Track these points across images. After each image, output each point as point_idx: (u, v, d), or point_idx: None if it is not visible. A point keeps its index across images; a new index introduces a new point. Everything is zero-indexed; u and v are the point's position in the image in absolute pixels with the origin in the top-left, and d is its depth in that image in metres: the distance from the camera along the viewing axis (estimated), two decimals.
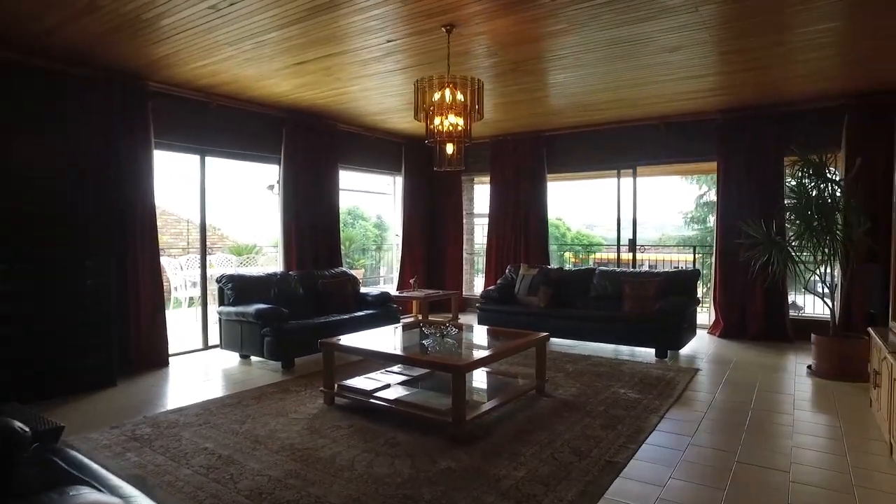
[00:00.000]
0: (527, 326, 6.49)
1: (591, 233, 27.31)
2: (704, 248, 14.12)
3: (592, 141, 8.14)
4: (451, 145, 4.27)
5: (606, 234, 31.29)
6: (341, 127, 7.73)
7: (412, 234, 9.09)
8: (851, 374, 5.08)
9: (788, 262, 5.40)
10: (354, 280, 6.87)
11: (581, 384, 4.86)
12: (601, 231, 31.09)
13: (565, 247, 20.37)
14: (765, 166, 6.82)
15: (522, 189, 8.57)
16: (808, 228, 5.12)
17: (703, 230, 15.53)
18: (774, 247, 5.39)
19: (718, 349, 6.34)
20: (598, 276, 6.84)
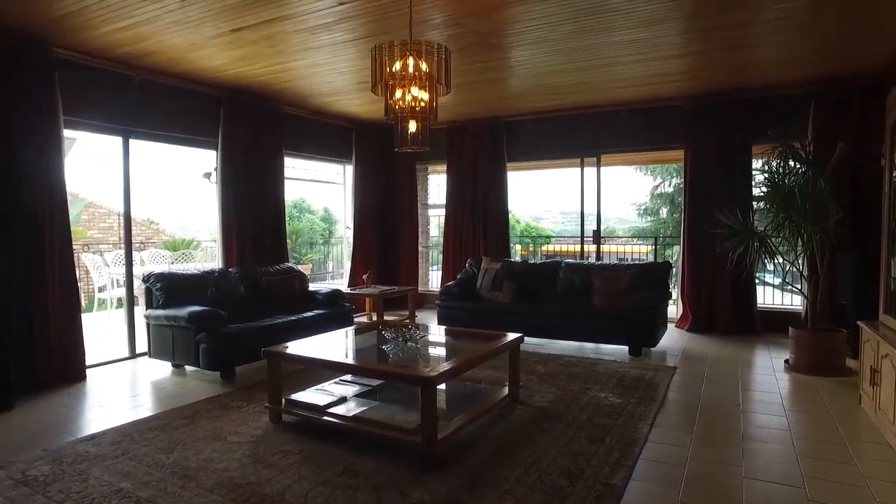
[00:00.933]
0: (491, 324, 6.05)
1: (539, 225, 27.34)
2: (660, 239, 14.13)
3: (555, 128, 7.77)
4: (415, 122, 3.73)
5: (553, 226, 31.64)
6: (287, 109, 7.05)
7: (364, 227, 8.50)
8: (829, 368, 4.88)
9: (766, 253, 5.14)
10: (302, 277, 6.25)
11: (557, 388, 4.44)
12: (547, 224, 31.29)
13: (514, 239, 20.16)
14: (733, 154, 6.60)
15: (481, 178, 8.12)
16: (787, 218, 4.86)
17: (657, 222, 15.54)
18: (753, 237, 5.12)
19: (690, 344, 6.08)
20: (564, 270, 6.47)
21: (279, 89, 6.31)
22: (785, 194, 4.85)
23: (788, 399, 4.22)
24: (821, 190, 4.69)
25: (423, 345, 3.98)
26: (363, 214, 8.48)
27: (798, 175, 4.87)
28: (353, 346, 4.18)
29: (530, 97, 6.85)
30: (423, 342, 3.97)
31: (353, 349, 4.13)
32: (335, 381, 4.09)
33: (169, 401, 4.22)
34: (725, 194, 6.52)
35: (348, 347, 4.14)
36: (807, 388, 4.51)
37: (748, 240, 5.14)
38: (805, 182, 4.79)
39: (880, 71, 5.72)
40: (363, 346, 4.23)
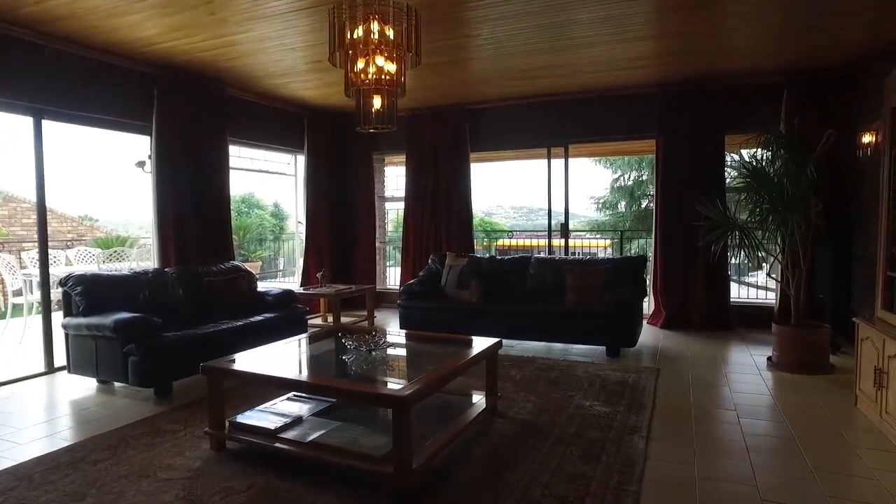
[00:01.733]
0: (458, 326, 5.64)
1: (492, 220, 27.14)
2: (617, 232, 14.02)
3: (522, 116, 7.37)
4: (380, 98, 3.23)
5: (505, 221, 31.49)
6: (232, 92, 6.40)
7: (317, 221, 7.91)
8: (815, 366, 4.66)
9: (750, 246, 4.88)
10: (250, 276, 5.64)
11: (537, 397, 4.04)
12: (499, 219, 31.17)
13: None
14: (706, 144, 6.37)
15: (443, 169, 7.65)
16: (774, 209, 4.60)
17: (615, 215, 15.46)
18: (737, 229, 4.85)
19: (667, 342, 5.80)
20: (535, 266, 6.08)
21: (223, 68, 5.66)
22: (773, 184, 4.58)
23: (782, 402, 3.95)
24: (810, 179, 4.44)
25: (389, 354, 3.50)
26: (316, 208, 7.89)
27: (785, 163, 4.61)
28: (309, 358, 3.65)
29: (497, 81, 6.42)
30: (388, 351, 3.49)
31: (309, 361, 3.60)
32: (289, 397, 3.56)
33: (90, 426, 3.59)
34: (699, 185, 6.28)
35: (303, 359, 3.61)
36: (796, 388, 4.25)
37: (732, 232, 4.87)
38: (793, 171, 4.53)
39: (853, 60, 5.57)
40: (320, 356, 3.71)
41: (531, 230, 22.81)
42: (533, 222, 27.44)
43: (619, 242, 9.53)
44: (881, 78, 5.23)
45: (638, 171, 14.77)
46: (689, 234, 6.34)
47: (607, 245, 12.36)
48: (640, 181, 14.84)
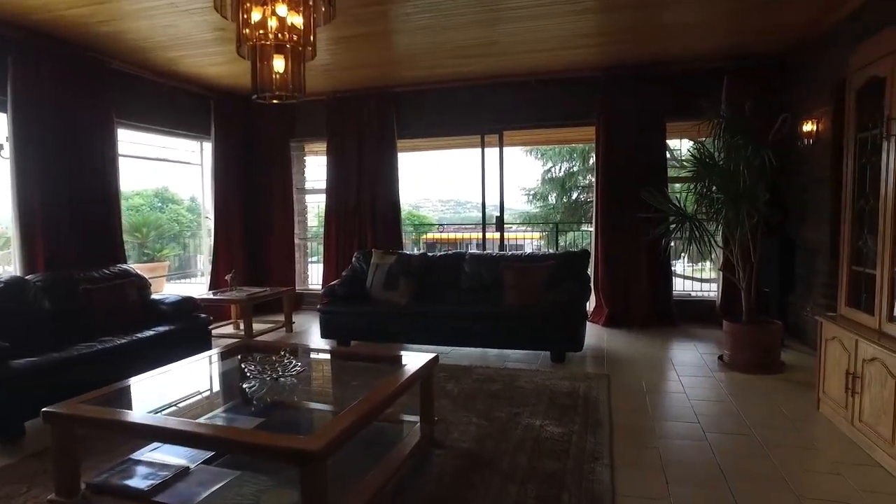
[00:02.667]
0: (386, 332, 5.06)
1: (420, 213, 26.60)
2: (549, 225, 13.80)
3: (453, 100, 6.82)
4: (282, 59, 2.56)
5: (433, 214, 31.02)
6: (116, 65, 5.46)
7: (228, 216, 7.05)
8: (768, 365, 4.39)
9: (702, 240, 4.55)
10: (140, 283, 4.78)
11: (479, 417, 3.50)
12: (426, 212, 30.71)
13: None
14: (648, 131, 6.06)
15: (367, 158, 6.99)
16: (728, 199, 4.28)
17: (546, 207, 15.26)
18: (688, 221, 4.50)
19: (612, 343, 5.43)
20: (470, 263, 5.55)
21: (99, 33, 4.75)
22: (728, 173, 4.25)
23: (744, 410, 3.60)
24: (767, 167, 4.13)
25: (302, 379, 2.84)
26: (226, 201, 7.02)
27: (738, 150, 4.29)
28: (196, 391, 2.93)
29: (427, 61, 5.83)
30: (301, 376, 2.83)
31: (196, 398, 2.89)
32: None
33: None
34: (641, 175, 5.96)
35: (189, 393, 2.89)
36: (755, 392, 3.94)
37: (683, 224, 4.52)
38: (749, 158, 4.21)
39: (793, 46, 5.39)
40: (216, 387, 3.01)
41: (459, 223, 22.41)
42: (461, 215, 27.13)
43: (555, 235, 9.19)
44: (823, 64, 5.10)
45: (569, 163, 14.60)
46: (632, 227, 6.03)
47: (539, 237, 12.10)
48: (570, 173, 14.68)
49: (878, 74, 3.15)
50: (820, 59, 5.04)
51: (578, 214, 14.78)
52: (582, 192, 14.60)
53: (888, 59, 3.03)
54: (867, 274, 3.27)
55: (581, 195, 14.61)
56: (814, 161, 5.13)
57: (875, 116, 3.23)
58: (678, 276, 7.44)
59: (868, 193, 3.32)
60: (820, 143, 5.04)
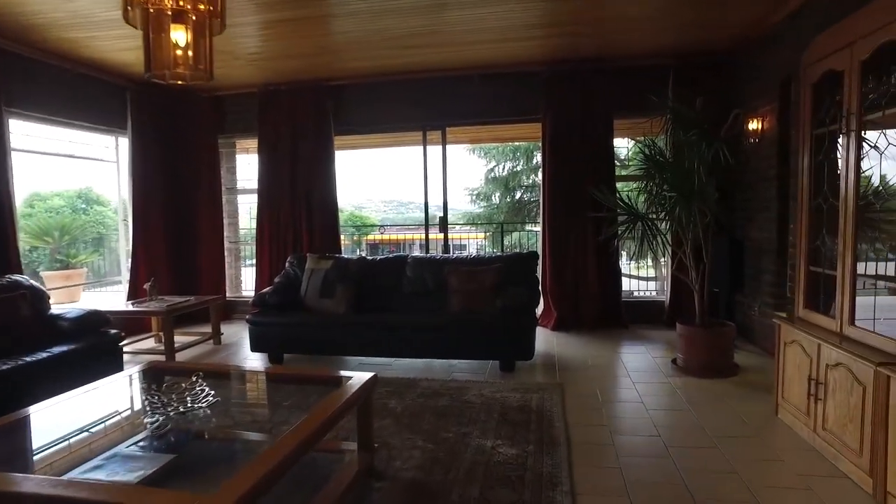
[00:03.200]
0: (322, 344, 4.68)
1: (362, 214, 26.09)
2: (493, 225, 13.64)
3: (394, 94, 6.46)
4: (183, 31, 2.14)
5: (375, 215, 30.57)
6: (6, 45, 4.82)
7: (148, 219, 6.44)
8: (723, 369, 4.27)
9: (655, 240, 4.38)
10: (35, 295, 4.19)
11: (425, 439, 3.17)
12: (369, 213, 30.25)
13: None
14: (596, 128, 5.88)
15: (303, 155, 6.54)
16: (682, 197, 4.11)
17: (489, 207, 15.09)
18: (641, 221, 4.32)
19: (563, 348, 5.22)
20: (412, 267, 5.21)
21: None
22: (683, 170, 4.09)
23: (703, 419, 3.41)
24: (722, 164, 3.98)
25: (217, 410, 2.43)
26: (146, 203, 6.41)
27: (692, 147, 4.13)
28: (84, 429, 2.46)
29: (365, 50, 5.44)
30: (215, 407, 2.42)
31: (83, 433, 2.42)
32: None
33: None
34: (589, 173, 5.81)
35: (78, 430, 2.42)
36: (712, 398, 3.78)
37: (635, 224, 4.33)
38: (704, 154, 4.06)
39: (739, 42, 5.33)
40: (107, 422, 2.54)
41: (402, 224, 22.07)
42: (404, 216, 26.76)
43: (500, 236, 8.96)
44: (769, 62, 5.05)
45: (513, 162, 14.48)
46: (580, 227, 5.86)
47: (484, 237, 11.90)
48: (514, 172, 14.57)
49: (835, 68, 3.02)
50: (766, 56, 4.98)
51: (522, 214, 14.70)
52: (526, 192, 14.52)
53: (845, 52, 2.89)
54: (826, 275, 3.15)
55: (525, 195, 14.53)
56: (760, 159, 5.08)
57: (833, 111, 3.10)
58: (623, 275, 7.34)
59: (826, 191, 3.19)
60: (765, 141, 4.99)
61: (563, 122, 5.90)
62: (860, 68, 2.76)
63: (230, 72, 6.02)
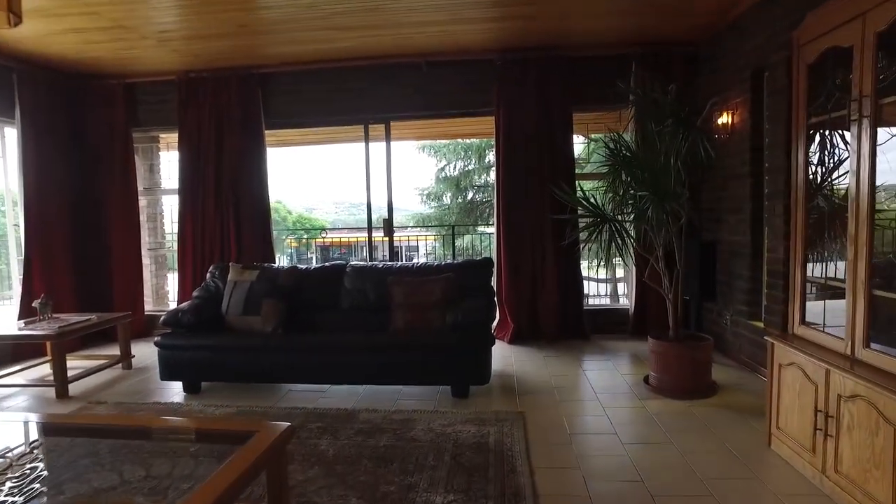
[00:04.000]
0: (247, 371, 4.01)
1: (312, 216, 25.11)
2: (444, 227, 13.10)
3: (332, 84, 5.81)
4: None
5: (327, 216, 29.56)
6: None
7: (46, 222, 5.56)
8: (701, 388, 3.82)
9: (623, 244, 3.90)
10: None
11: (359, 495, 2.54)
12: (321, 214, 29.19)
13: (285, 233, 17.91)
14: (554, 122, 5.40)
15: (229, 151, 5.81)
16: (655, 197, 3.63)
17: (440, 208, 14.54)
18: (608, 223, 3.82)
19: (522, 364, 4.70)
20: (351, 277, 4.57)
21: None
22: (657, 167, 3.61)
23: (689, 455, 2.92)
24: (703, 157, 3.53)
25: (57, 485, 1.75)
26: (41, 203, 5.53)
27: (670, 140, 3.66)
28: None
29: (294, 32, 4.78)
30: (52, 482, 1.73)
31: None
32: None
33: None
34: (548, 171, 5.33)
35: None
36: (694, 426, 3.31)
37: (603, 226, 3.83)
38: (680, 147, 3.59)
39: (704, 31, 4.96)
40: None
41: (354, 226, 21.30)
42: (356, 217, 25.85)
43: (452, 238, 8.40)
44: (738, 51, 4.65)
45: (464, 161, 13.97)
46: (538, 230, 5.37)
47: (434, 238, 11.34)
48: (466, 171, 14.06)
49: (840, 44, 2.58)
50: (735, 45, 4.60)
51: (475, 215, 14.21)
52: (478, 192, 14.05)
53: (855, 24, 2.45)
54: (830, 286, 2.71)
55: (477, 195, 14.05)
56: (729, 155, 4.69)
57: (837, 96, 2.66)
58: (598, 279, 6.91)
59: (827, 188, 2.75)
60: (736, 136, 4.60)
61: (519, 116, 5.39)
62: (875, 42, 2.32)
63: (141, 54, 5.24)
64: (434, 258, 4.40)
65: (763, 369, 3.96)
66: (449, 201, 14.43)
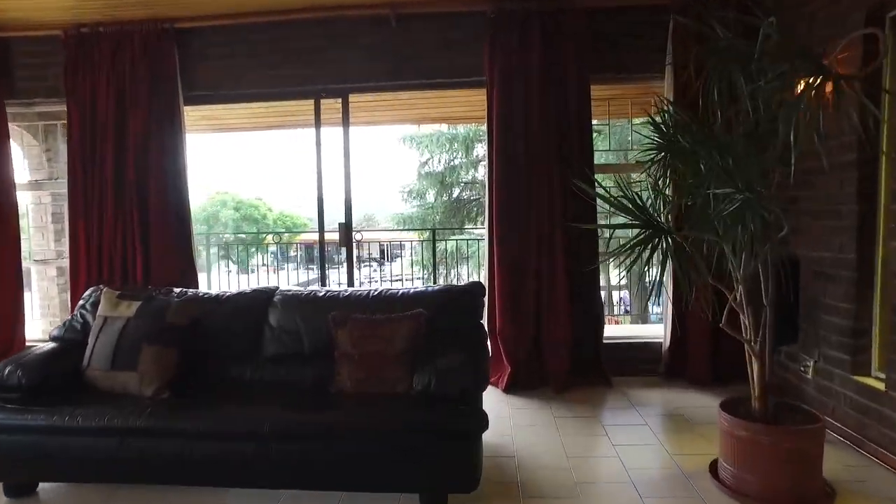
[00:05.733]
0: (107, 467, 2.55)
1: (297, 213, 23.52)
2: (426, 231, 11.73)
3: (271, 42, 4.40)
4: None
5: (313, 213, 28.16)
6: None
7: None
8: (804, 497, 2.46)
9: (692, 268, 2.52)
10: None
11: None
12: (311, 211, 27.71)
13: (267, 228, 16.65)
14: (565, 93, 4.03)
15: (135, 134, 4.36)
16: (750, 193, 2.26)
17: (423, 207, 13.13)
18: (665, 237, 2.44)
19: (522, 430, 3.33)
20: (281, 311, 3.14)
21: None
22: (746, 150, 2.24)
23: None
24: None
25: None
26: None
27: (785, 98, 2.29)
28: None
29: None
30: None
31: None
32: None
33: None
34: (557, 161, 3.96)
35: None
36: None
37: (656, 239, 2.45)
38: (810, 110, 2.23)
39: None
40: None
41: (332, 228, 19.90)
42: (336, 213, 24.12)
43: (432, 245, 6.99)
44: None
45: (449, 154, 12.52)
46: (546, 240, 4.00)
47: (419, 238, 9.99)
48: (451, 166, 12.62)
49: None
50: None
51: (461, 215, 12.83)
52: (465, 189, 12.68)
53: None
54: None
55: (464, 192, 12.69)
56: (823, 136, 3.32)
57: None
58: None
59: None
60: (833, 110, 3.24)
61: (519, 86, 4.02)
62: None
63: None
64: (401, 286, 3.11)
65: (876, 447, 2.66)
66: (433, 199, 13.02)
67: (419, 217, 12.90)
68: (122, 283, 4.29)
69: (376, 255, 11.65)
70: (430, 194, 12.92)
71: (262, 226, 20.71)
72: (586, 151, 4.03)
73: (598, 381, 4.10)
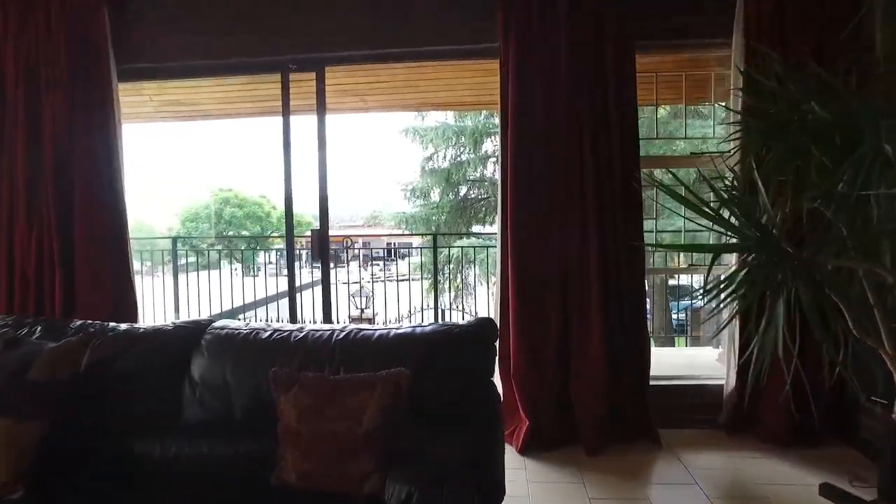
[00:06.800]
0: None
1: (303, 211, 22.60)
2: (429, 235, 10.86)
3: (227, 1, 3.48)
4: None
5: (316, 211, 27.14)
6: None
7: None
8: None
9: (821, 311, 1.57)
10: None
11: None
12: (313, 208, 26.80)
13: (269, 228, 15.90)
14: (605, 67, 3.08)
15: (52, 119, 3.43)
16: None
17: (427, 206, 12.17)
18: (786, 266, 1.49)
19: None
20: (206, 359, 2.21)
21: None
22: None
23: None
24: None
25: None
26: None
27: None
28: None
29: None
30: None
31: None
32: None
33: None
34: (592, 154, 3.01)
35: None
36: None
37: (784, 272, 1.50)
38: None
39: None
40: None
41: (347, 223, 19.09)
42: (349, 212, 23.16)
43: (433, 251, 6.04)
44: None
45: (456, 148, 11.55)
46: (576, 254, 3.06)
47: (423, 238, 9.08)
48: (458, 162, 11.65)
49: None
50: None
51: (468, 215, 11.89)
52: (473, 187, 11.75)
53: None
54: None
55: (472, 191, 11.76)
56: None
57: None
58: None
59: None
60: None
61: (542, 57, 3.08)
62: None
63: None
64: (386, 327, 2.29)
65: None
66: (438, 198, 12.08)
67: (423, 217, 11.97)
68: (37, 315, 3.38)
69: (380, 254, 10.95)
70: (434, 193, 11.97)
71: (266, 224, 19.96)
72: (627, 140, 3.08)
73: (644, 437, 3.16)
